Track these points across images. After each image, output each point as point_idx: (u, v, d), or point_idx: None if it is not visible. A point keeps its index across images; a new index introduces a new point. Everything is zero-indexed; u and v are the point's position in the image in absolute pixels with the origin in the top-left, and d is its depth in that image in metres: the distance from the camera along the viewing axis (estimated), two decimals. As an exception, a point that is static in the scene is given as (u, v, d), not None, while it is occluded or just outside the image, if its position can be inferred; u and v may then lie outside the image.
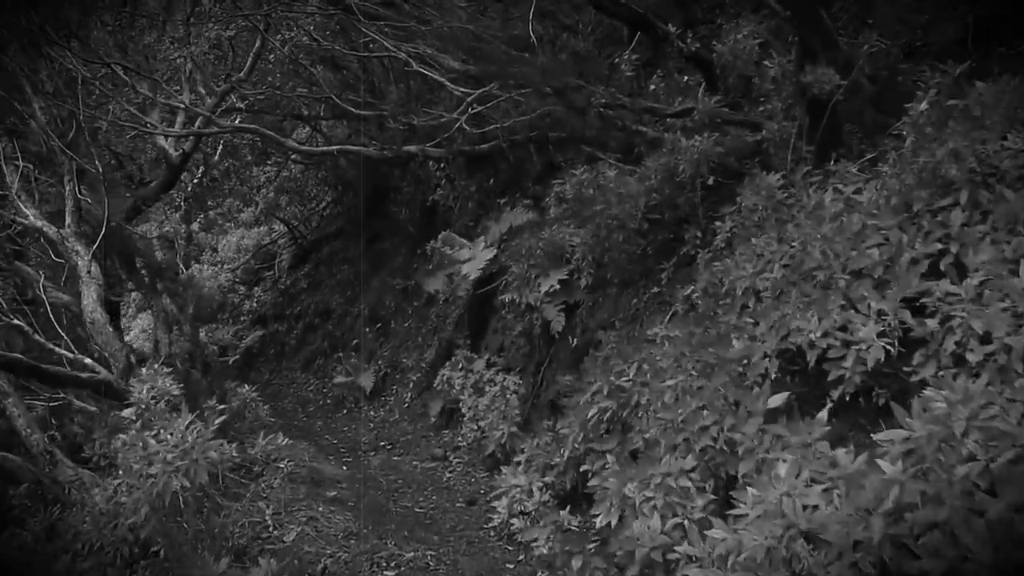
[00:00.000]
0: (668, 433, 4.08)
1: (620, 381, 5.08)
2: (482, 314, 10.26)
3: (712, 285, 5.28)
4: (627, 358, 5.24)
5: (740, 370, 4.14)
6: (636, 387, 5.00)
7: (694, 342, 4.69)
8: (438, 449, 8.59)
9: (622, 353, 5.35)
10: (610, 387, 5.14)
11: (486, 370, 8.80)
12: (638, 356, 5.18)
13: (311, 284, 17.82)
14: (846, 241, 4.12)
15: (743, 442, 3.60)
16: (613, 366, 5.26)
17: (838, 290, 3.84)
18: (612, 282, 7.30)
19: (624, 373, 5.13)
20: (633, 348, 5.37)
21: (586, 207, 7.30)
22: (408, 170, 15.22)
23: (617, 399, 5.03)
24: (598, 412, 5.07)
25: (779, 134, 6.45)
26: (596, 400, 5.14)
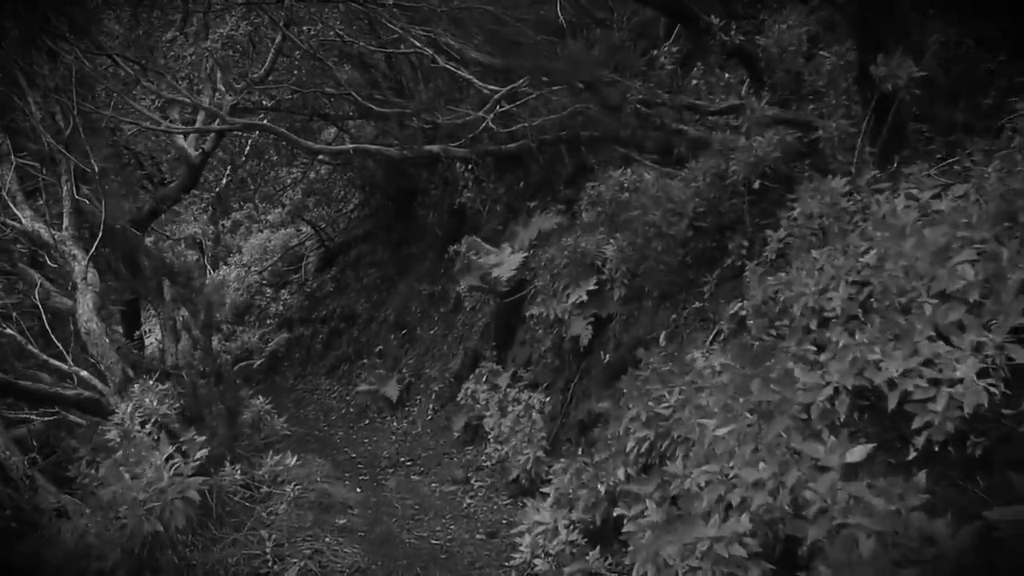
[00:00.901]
0: (716, 485, 3.46)
1: (659, 408, 4.48)
2: (509, 324, 9.70)
3: (765, 303, 4.65)
4: (667, 382, 4.63)
5: (804, 411, 3.51)
6: (676, 417, 4.39)
7: (746, 371, 4.06)
8: (459, 470, 8.03)
9: (661, 376, 4.74)
10: (648, 414, 4.53)
11: (511, 386, 8.24)
12: (679, 381, 4.57)
13: (337, 288, 17.43)
14: (930, 256, 3.48)
15: (814, 501, 2.98)
16: (651, 391, 4.65)
17: (924, 316, 3.20)
18: (649, 294, 6.69)
19: (664, 399, 4.52)
20: (673, 370, 4.75)
21: (622, 212, 6.70)
22: (435, 172, 14.73)
23: (655, 428, 4.43)
24: (636, 443, 4.47)
25: (837, 134, 5.80)
26: (633, 429, 4.54)
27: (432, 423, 10.42)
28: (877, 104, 5.43)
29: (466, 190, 12.86)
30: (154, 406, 5.43)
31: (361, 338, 15.32)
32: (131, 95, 8.91)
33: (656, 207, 6.01)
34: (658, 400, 4.54)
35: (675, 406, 4.43)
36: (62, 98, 6.77)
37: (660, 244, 6.02)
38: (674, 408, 4.41)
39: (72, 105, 6.71)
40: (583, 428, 6.97)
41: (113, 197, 8.75)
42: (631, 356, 6.71)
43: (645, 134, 7.44)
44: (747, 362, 4.34)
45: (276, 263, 19.63)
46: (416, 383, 11.95)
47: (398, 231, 16.24)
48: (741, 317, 5.08)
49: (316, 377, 15.85)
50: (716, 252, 6.28)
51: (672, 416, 4.40)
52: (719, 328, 5.29)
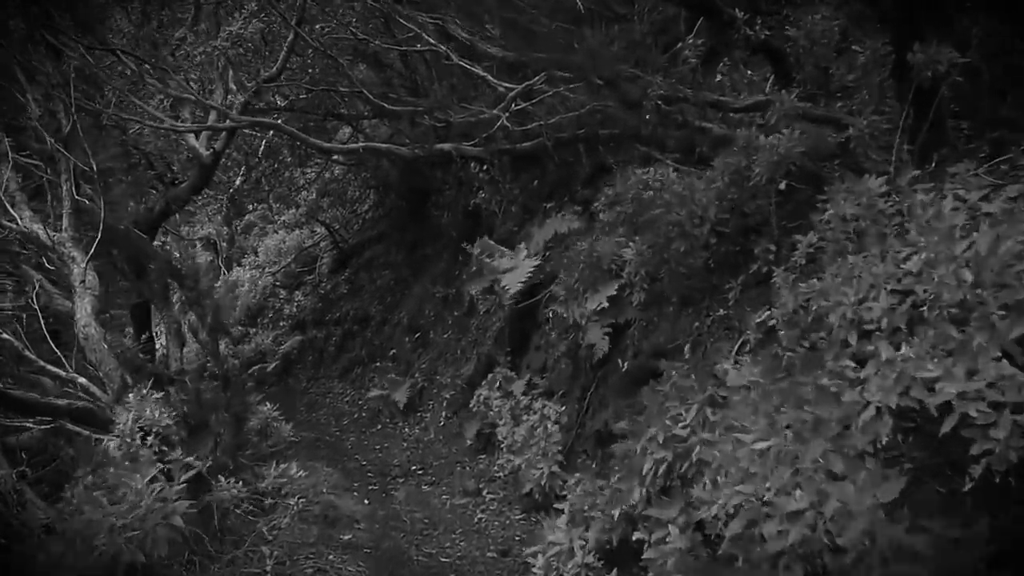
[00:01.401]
0: (748, 511, 3.15)
1: (677, 429, 4.17)
2: (524, 329, 9.41)
3: (796, 312, 4.33)
4: (686, 398, 4.32)
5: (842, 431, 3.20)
6: (696, 436, 4.09)
7: (777, 387, 3.75)
8: (471, 480, 7.74)
9: (681, 392, 4.43)
10: (665, 434, 4.22)
11: (526, 394, 7.95)
12: (698, 397, 4.25)
13: (351, 289, 17.21)
14: (983, 262, 3.15)
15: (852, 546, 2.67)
16: (670, 408, 4.34)
17: (987, 331, 2.87)
18: (669, 300, 6.38)
19: (681, 418, 4.21)
20: (694, 385, 4.43)
21: (642, 213, 6.38)
22: (450, 172, 14.47)
23: (673, 449, 4.12)
24: (653, 465, 4.17)
25: (869, 131, 5.47)
26: (650, 450, 4.23)
27: (445, 429, 10.15)
28: (915, 99, 5.11)
29: (481, 191, 12.59)
30: (155, 417, 5.18)
31: (374, 341, 15.09)
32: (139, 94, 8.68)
33: (680, 207, 5.69)
34: (676, 419, 4.22)
35: (693, 425, 4.12)
36: (61, 95, 6.54)
37: (681, 246, 5.69)
38: (692, 428, 4.10)
39: (71, 102, 6.48)
40: (600, 440, 6.67)
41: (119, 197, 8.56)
42: (651, 365, 6.41)
43: (666, 132, 7.12)
44: (778, 376, 4.03)
45: (290, 264, 19.44)
46: (429, 388, 11.68)
47: (412, 232, 16.00)
48: (769, 327, 4.77)
49: (329, 380, 15.63)
50: (740, 256, 5.97)
51: (690, 436, 4.08)
52: (745, 338, 4.97)
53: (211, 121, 12.32)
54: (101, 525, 4.10)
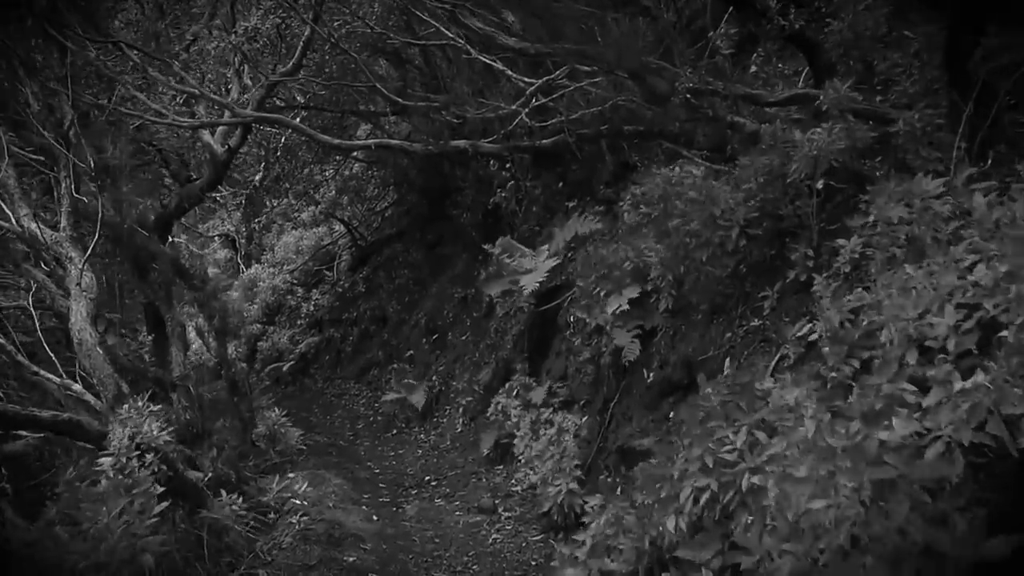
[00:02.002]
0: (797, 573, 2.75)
1: (723, 452, 3.76)
2: (544, 334, 9.02)
3: (842, 326, 3.91)
4: (732, 419, 3.91)
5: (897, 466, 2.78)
6: (744, 463, 3.68)
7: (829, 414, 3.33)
8: (487, 496, 7.36)
9: (726, 411, 4.01)
10: (711, 458, 3.80)
11: (546, 404, 7.56)
12: (747, 418, 3.84)
13: (369, 288, 16.92)
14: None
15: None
16: (714, 429, 3.93)
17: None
18: (697, 307, 5.96)
19: (727, 441, 3.80)
20: (740, 405, 4.02)
21: (668, 214, 5.98)
22: (470, 170, 14.12)
23: (718, 476, 3.71)
24: (693, 492, 3.76)
25: (921, 125, 5.02)
26: (690, 474, 3.82)
27: (461, 437, 9.80)
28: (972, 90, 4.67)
29: (501, 189, 12.22)
30: (153, 433, 4.85)
31: (392, 341, 14.79)
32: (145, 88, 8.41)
33: (707, 208, 5.28)
34: (721, 442, 3.81)
35: (742, 449, 3.71)
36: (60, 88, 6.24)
37: (703, 252, 5.28)
38: (740, 453, 3.69)
39: (68, 95, 6.19)
40: (623, 456, 6.26)
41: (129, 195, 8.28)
42: (678, 376, 6.01)
43: (695, 128, 6.71)
44: (824, 399, 3.61)
45: (308, 262, 19.20)
46: (446, 392, 11.34)
47: (432, 231, 15.68)
48: (811, 341, 4.35)
49: (345, 381, 15.36)
50: (775, 262, 5.54)
51: (738, 462, 3.68)
52: (783, 352, 4.55)
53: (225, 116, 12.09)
54: (64, 564, 3.77)
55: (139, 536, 4.10)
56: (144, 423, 4.86)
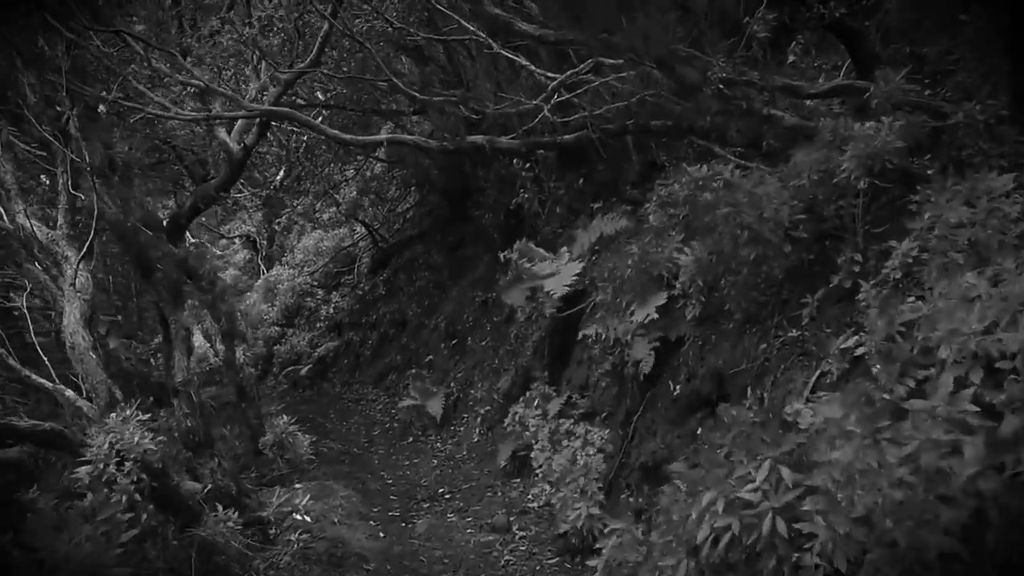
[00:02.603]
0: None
1: (744, 492, 3.32)
2: (565, 341, 8.61)
3: (892, 339, 3.46)
4: (755, 452, 3.47)
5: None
6: (768, 503, 3.25)
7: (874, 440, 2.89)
8: (501, 512, 6.95)
9: (749, 443, 3.58)
10: (728, 499, 3.38)
11: (565, 415, 7.16)
12: (771, 451, 3.41)
13: (389, 291, 16.61)
14: None
15: None
16: (735, 464, 3.50)
17: None
18: (730, 316, 5.51)
19: (749, 479, 3.37)
20: (764, 438, 3.57)
21: (700, 215, 5.55)
22: (492, 170, 13.75)
23: (739, 517, 3.28)
24: (711, 534, 3.33)
25: (983, 118, 4.56)
26: (709, 516, 3.40)
27: (478, 447, 9.41)
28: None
29: (523, 190, 11.83)
30: (134, 441, 4.51)
31: (411, 346, 14.45)
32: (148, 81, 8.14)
33: (750, 208, 4.83)
34: (743, 480, 3.38)
35: (766, 489, 3.28)
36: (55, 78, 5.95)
37: (751, 253, 4.84)
38: (764, 492, 3.26)
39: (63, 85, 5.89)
40: (646, 474, 5.84)
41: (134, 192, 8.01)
42: (707, 389, 5.57)
43: (728, 122, 6.27)
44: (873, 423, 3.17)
45: (328, 264, 18.95)
46: (464, 400, 10.96)
47: (453, 232, 15.33)
48: (856, 355, 3.90)
49: (363, 386, 15.05)
50: (814, 267, 5.09)
51: (761, 502, 3.24)
52: (825, 367, 4.10)
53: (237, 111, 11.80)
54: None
55: (105, 566, 3.75)
56: (127, 431, 4.51)
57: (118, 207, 7.07)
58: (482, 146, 7.05)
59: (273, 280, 19.75)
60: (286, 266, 20.10)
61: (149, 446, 4.60)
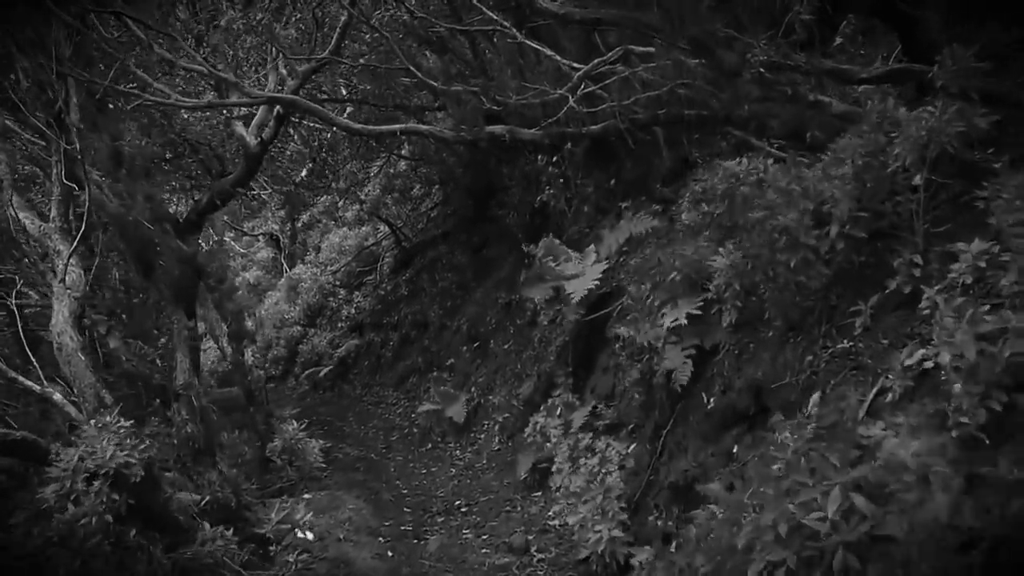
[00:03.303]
0: None
1: (809, 518, 2.84)
2: (590, 346, 8.14)
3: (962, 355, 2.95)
4: (821, 475, 2.98)
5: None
6: (838, 536, 2.77)
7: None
8: (519, 530, 6.48)
9: (811, 463, 3.08)
10: (788, 525, 2.90)
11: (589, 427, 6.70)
12: (841, 475, 2.91)
13: (412, 292, 16.23)
14: None
15: None
16: (795, 487, 3.01)
17: None
18: (770, 323, 5.01)
19: (814, 506, 2.89)
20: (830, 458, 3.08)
21: (736, 213, 5.06)
22: (516, 167, 13.30)
23: (798, 548, 2.81)
24: (766, 568, 2.86)
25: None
26: (761, 548, 2.91)
27: (498, 456, 8.97)
28: None
29: (549, 187, 11.37)
30: (107, 456, 4.12)
31: (432, 348, 14.06)
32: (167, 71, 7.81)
33: (789, 206, 4.34)
34: (806, 507, 2.89)
35: (835, 521, 2.79)
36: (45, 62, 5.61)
37: (793, 256, 4.33)
38: (834, 525, 2.77)
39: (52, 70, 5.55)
40: (676, 494, 5.35)
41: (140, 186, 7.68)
42: (744, 403, 5.07)
43: (768, 111, 5.76)
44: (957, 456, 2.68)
45: (351, 263, 18.63)
46: (485, 405, 10.53)
47: (477, 232, 14.91)
48: (924, 371, 3.39)
49: (384, 388, 14.69)
50: (867, 270, 4.57)
51: (830, 535, 2.76)
52: (885, 384, 3.59)
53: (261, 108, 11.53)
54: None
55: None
56: (101, 443, 4.12)
57: (121, 201, 6.74)
58: (503, 138, 6.61)
59: (296, 279, 19.51)
60: (309, 265, 19.85)
61: (128, 459, 4.21)
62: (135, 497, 4.26)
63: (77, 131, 6.76)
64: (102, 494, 4.02)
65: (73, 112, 6.79)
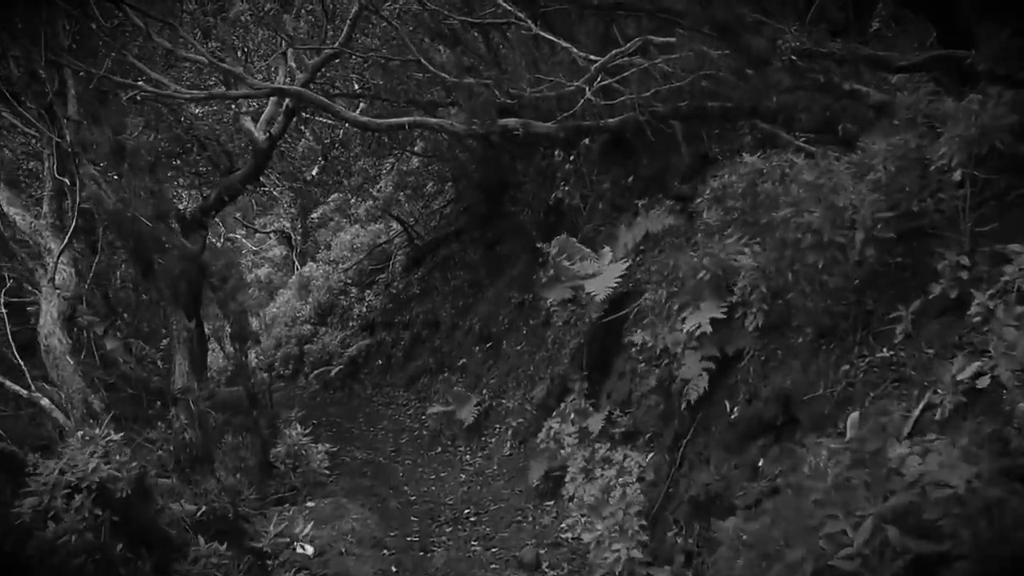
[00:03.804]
0: None
1: (839, 559, 2.53)
2: (605, 350, 7.82)
3: None
4: (849, 507, 2.66)
5: None
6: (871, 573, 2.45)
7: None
8: (530, 543, 6.18)
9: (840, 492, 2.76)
10: (815, 559, 2.59)
11: (604, 435, 6.40)
12: (873, 506, 2.60)
13: (423, 290, 15.96)
14: None
15: None
16: (825, 519, 2.70)
17: None
18: (800, 328, 4.68)
19: (844, 540, 2.57)
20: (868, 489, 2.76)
21: (761, 211, 4.74)
22: (531, 163, 13.00)
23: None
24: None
25: None
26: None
27: (509, 462, 8.68)
28: None
29: (564, 184, 11.07)
30: (88, 470, 3.85)
31: (443, 348, 13.78)
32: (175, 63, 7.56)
33: (815, 205, 4.01)
34: (835, 541, 2.58)
35: (866, 555, 2.48)
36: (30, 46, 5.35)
37: (821, 257, 4.01)
38: (864, 561, 2.46)
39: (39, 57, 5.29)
40: (697, 509, 5.04)
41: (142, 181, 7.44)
42: (770, 413, 4.75)
43: (797, 102, 5.42)
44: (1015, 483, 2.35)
45: (363, 261, 18.39)
46: (496, 408, 10.24)
47: (490, 230, 14.62)
48: (976, 386, 3.06)
49: (394, 389, 14.43)
50: (906, 272, 4.24)
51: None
52: (933, 399, 3.26)
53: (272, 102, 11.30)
54: None
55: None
56: (83, 454, 3.86)
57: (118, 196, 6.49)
58: (516, 131, 6.30)
59: (307, 277, 19.30)
60: (320, 262, 19.64)
61: (114, 472, 3.95)
62: (121, 513, 4.01)
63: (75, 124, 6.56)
64: (84, 510, 3.76)
65: (71, 104, 6.57)
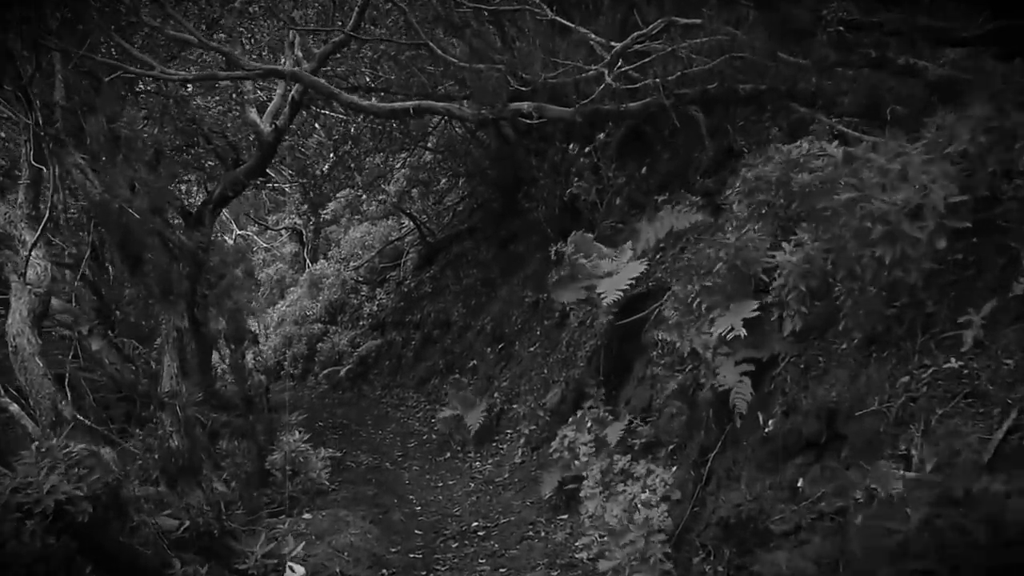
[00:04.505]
0: None
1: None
2: (624, 353, 7.34)
3: None
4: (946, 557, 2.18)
5: None
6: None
7: None
8: (541, 564, 5.66)
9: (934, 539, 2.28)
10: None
11: (623, 445, 5.92)
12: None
13: (435, 289, 15.54)
14: None
15: None
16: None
17: None
18: (846, 333, 4.17)
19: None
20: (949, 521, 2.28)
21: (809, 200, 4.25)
22: (545, 158, 12.52)
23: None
24: None
25: None
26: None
27: (521, 470, 8.21)
28: None
29: (579, 179, 10.58)
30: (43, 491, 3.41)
31: (454, 348, 13.36)
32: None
33: (886, 189, 3.51)
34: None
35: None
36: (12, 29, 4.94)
37: (890, 250, 3.50)
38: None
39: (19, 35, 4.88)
40: (728, 532, 4.54)
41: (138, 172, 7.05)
42: (812, 429, 4.24)
43: (838, 83, 4.91)
44: None
45: (374, 259, 17.98)
46: (508, 413, 9.78)
47: (504, 227, 14.17)
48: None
49: (404, 390, 14.01)
50: (968, 269, 3.73)
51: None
52: (1019, 420, 2.76)
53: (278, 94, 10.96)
54: None
55: None
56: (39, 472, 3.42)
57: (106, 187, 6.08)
58: (529, 115, 5.83)
59: (318, 274, 18.93)
60: (331, 260, 19.26)
61: (76, 491, 3.51)
62: (83, 537, 3.57)
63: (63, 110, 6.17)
64: (36, 537, 3.32)
65: (58, 89, 6.18)
